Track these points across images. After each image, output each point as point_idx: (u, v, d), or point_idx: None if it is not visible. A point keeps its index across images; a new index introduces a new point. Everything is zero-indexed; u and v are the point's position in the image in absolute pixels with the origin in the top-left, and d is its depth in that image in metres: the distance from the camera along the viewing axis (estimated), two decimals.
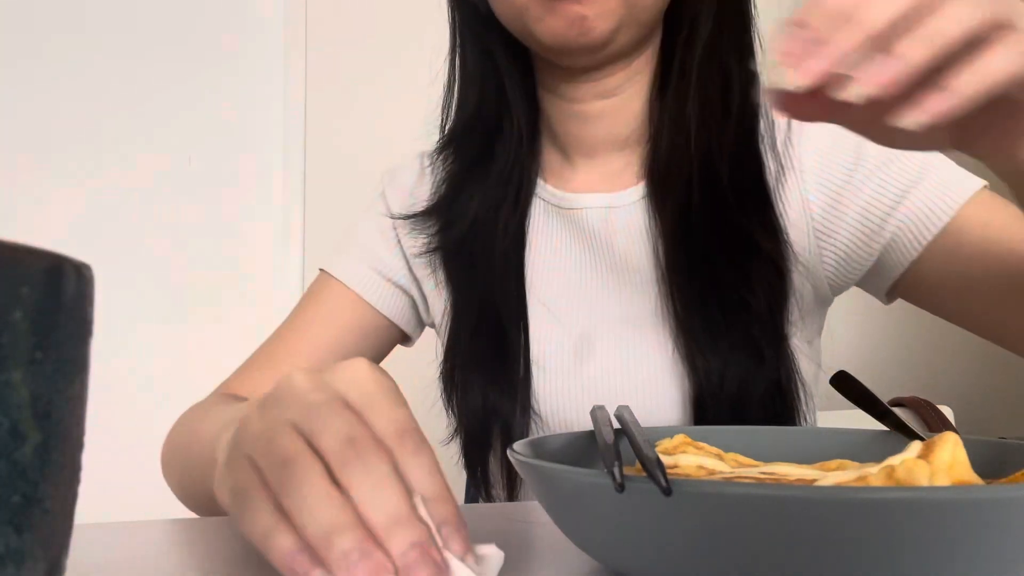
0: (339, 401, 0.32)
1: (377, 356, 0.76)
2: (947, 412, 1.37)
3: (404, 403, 0.33)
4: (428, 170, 0.76)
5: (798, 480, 0.37)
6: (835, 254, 0.65)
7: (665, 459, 0.40)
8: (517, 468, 0.34)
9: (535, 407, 0.65)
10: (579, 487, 0.31)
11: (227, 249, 1.71)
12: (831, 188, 0.64)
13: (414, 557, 0.28)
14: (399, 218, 0.74)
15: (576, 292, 0.68)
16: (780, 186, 0.65)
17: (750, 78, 0.66)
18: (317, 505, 0.29)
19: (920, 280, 0.63)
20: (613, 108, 0.68)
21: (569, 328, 0.66)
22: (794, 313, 0.64)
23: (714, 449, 0.43)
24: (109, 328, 1.44)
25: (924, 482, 0.30)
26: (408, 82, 1.57)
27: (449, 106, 0.73)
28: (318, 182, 1.74)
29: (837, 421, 0.99)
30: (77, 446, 0.23)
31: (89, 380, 0.24)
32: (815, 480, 0.35)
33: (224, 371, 0.73)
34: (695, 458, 0.40)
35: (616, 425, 0.40)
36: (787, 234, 0.63)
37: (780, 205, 0.64)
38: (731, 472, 0.39)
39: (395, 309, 0.75)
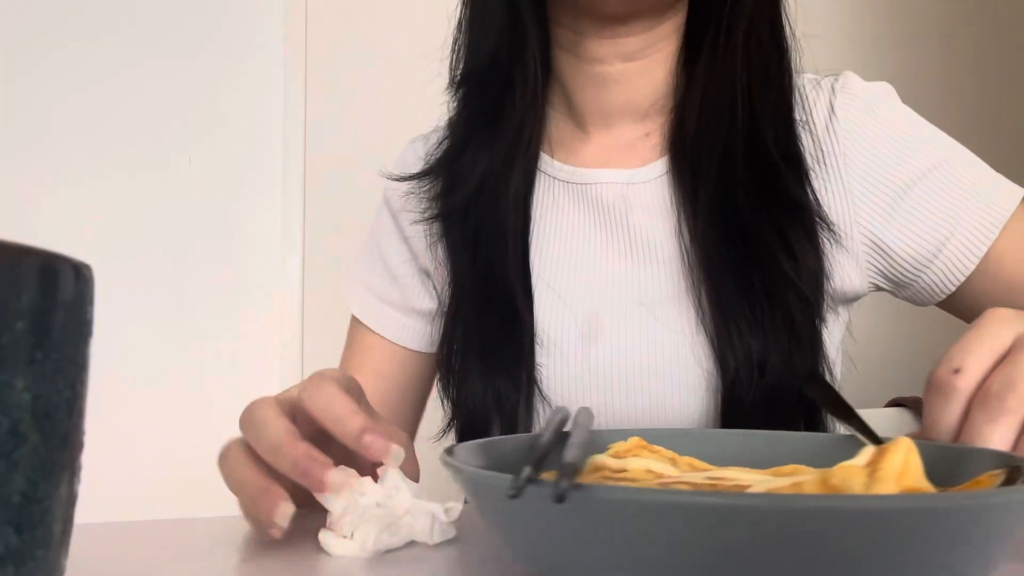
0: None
1: (427, 378, 0.75)
2: None
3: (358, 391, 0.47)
4: (423, 157, 0.73)
5: (734, 485, 0.35)
6: (880, 258, 0.63)
7: (614, 462, 0.38)
8: (444, 467, 0.33)
9: (540, 394, 0.62)
10: (483, 490, 0.30)
11: (227, 249, 1.71)
12: (883, 192, 0.63)
13: (367, 440, 0.40)
14: (397, 179, 0.71)
15: (585, 271, 0.64)
16: (820, 165, 0.63)
17: (784, 47, 0.65)
18: (281, 445, 0.40)
19: (958, 301, 0.63)
20: (634, 72, 0.65)
21: (576, 310, 0.63)
22: (826, 299, 0.61)
23: (669, 452, 0.41)
24: (109, 328, 1.43)
25: (857, 489, 0.29)
26: (409, 82, 1.57)
27: (459, 48, 0.69)
28: (318, 182, 1.74)
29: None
30: (77, 446, 0.23)
31: (89, 380, 0.24)
32: (749, 486, 0.33)
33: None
34: (645, 462, 0.39)
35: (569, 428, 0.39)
36: (826, 215, 0.62)
37: (819, 183, 0.63)
38: (676, 477, 0.38)
39: (421, 339, 0.73)
